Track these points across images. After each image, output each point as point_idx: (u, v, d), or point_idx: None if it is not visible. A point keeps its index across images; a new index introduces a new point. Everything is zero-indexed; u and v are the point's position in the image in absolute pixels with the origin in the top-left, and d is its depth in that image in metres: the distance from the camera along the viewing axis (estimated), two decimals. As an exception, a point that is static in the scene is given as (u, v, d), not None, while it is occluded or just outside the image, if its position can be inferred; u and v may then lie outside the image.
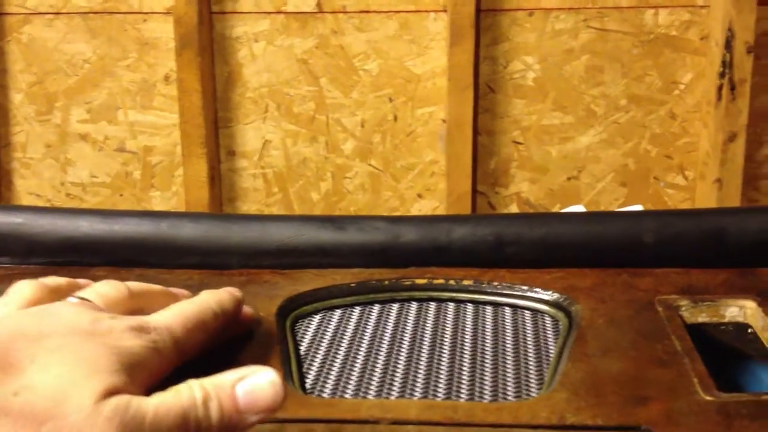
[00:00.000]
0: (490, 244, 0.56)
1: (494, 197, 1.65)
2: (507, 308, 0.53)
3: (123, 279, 0.47)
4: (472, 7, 1.49)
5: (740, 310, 0.50)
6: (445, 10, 1.55)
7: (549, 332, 0.50)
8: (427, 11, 1.57)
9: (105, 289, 0.43)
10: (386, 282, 0.55)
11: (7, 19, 1.60)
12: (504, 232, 0.56)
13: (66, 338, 0.37)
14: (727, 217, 0.54)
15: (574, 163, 1.63)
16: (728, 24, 1.46)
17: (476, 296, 0.54)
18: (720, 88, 1.49)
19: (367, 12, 1.57)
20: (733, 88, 1.48)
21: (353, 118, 1.63)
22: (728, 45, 1.47)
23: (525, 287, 0.54)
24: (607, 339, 0.47)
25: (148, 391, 0.37)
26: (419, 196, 1.66)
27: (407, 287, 0.55)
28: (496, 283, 0.54)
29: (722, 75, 1.49)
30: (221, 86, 1.60)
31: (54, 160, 1.65)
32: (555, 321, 0.51)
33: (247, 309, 0.48)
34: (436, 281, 0.55)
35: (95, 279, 0.45)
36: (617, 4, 1.54)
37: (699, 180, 1.60)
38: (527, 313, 0.52)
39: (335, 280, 0.56)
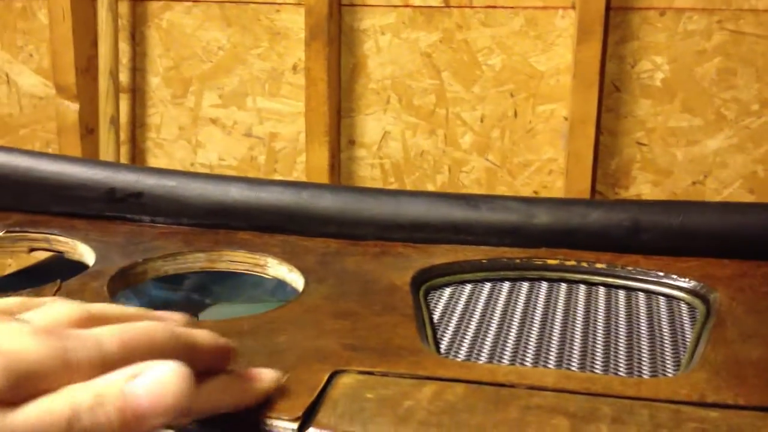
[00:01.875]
0: (625, 230, 0.56)
1: (613, 198, 1.62)
2: (641, 293, 0.53)
3: (266, 243, 0.49)
4: (602, 4, 1.47)
5: None
6: (573, 7, 1.53)
7: (685, 318, 0.49)
8: (555, 8, 1.55)
9: (55, 309, 0.38)
10: (517, 260, 0.56)
11: (149, 5, 1.69)
12: (640, 218, 0.56)
13: None
14: None
15: (701, 168, 1.58)
16: None
17: (609, 279, 0.54)
18: None
19: (494, 7, 1.58)
20: None
21: (473, 112, 1.63)
22: None
23: (660, 273, 0.53)
24: (747, 326, 0.46)
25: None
26: (535, 192, 1.65)
27: (538, 267, 0.56)
28: (630, 268, 0.54)
29: None
30: (346, 77, 1.64)
31: (186, 141, 1.74)
32: (692, 308, 0.51)
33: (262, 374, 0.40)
34: (567, 262, 0.56)
35: (240, 242, 0.47)
36: (753, 7, 1.48)
37: (835, 191, 1.52)
38: (662, 299, 0.52)
39: (466, 256, 0.57)
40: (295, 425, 0.39)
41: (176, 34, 1.69)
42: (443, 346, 0.47)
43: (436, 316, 0.51)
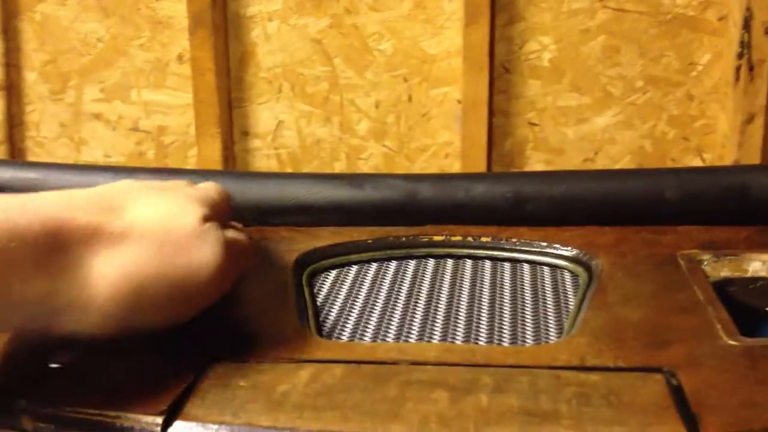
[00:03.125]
0: (509, 202, 0.56)
1: (508, 179, 1.64)
2: (526, 264, 0.52)
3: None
4: (488, -15, 1.48)
5: (763, 264, 0.49)
6: (460, -10, 1.54)
7: (568, 285, 0.49)
8: (442, -10, 1.55)
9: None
10: (403, 239, 0.55)
11: (21, -3, 1.60)
12: (523, 190, 0.56)
13: (160, 191, 0.46)
14: (749, 174, 0.53)
15: (591, 145, 1.62)
16: (746, 4, 1.44)
17: (494, 252, 0.53)
18: (738, 68, 1.48)
19: (382, -9, 1.56)
20: (751, 68, 1.47)
21: (367, 98, 1.62)
22: (746, 25, 1.46)
23: (544, 243, 0.53)
24: (627, 290, 0.46)
25: None
26: (433, 177, 1.65)
27: (424, 244, 0.55)
28: (514, 240, 0.53)
29: (740, 56, 1.47)
30: (235, 66, 1.59)
31: (68, 139, 1.65)
32: (575, 275, 0.50)
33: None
34: (453, 238, 0.55)
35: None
36: (635, -16, 1.52)
37: (717, 162, 1.58)
38: (546, 269, 0.52)
39: (352, 237, 0.55)
40: (159, 419, 0.36)
41: (52, 27, 1.60)
42: (326, 328, 0.45)
43: (320, 299, 0.49)
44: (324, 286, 0.51)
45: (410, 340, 0.44)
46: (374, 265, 0.54)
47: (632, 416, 0.34)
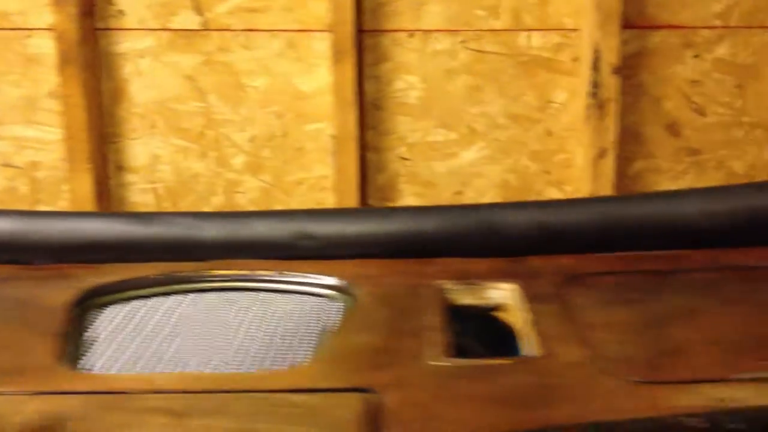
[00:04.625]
0: (289, 239, 0.60)
1: (382, 212, 1.69)
2: (295, 294, 0.56)
3: None
4: (352, 27, 1.54)
5: (501, 292, 0.55)
6: (330, 30, 1.59)
7: (328, 314, 0.53)
8: (311, 31, 1.61)
9: None
10: (185, 274, 0.58)
11: None
12: (304, 227, 0.60)
13: None
14: (498, 212, 0.59)
15: (460, 179, 1.69)
16: (595, 46, 1.55)
17: (270, 285, 0.57)
18: (589, 107, 1.58)
19: (253, 30, 1.61)
20: (600, 106, 1.57)
21: (242, 133, 1.65)
22: (595, 66, 1.56)
23: (314, 275, 0.57)
24: (370, 317, 0.51)
25: None
26: (309, 210, 1.69)
27: (205, 278, 0.58)
28: (289, 273, 0.58)
29: (591, 94, 1.57)
30: (107, 102, 1.61)
31: (-65, 175, 1.63)
32: (334, 304, 0.55)
33: None
34: (234, 272, 0.59)
35: None
36: (492, 27, 1.61)
37: (576, 194, 1.67)
38: (311, 298, 0.56)
39: (138, 273, 0.58)
40: None
41: None
42: (88, 361, 0.48)
43: (93, 333, 0.52)
44: (102, 320, 0.54)
45: (165, 370, 0.47)
46: (154, 300, 0.57)
47: (326, 429, 0.38)
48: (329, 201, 1.68)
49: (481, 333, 0.53)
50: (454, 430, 0.37)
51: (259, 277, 0.58)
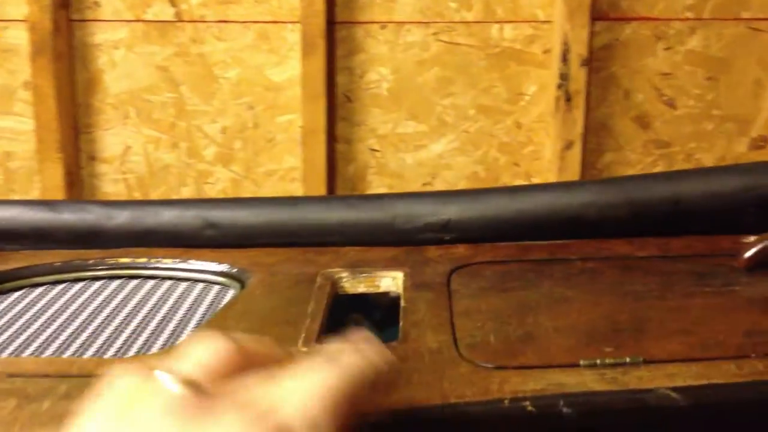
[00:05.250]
0: (195, 228, 0.61)
1: (354, 203, 1.70)
2: (194, 282, 0.58)
3: None
4: (322, 18, 1.55)
5: (392, 280, 0.56)
6: (300, 22, 1.60)
7: (210, 302, 0.54)
8: (283, 22, 1.62)
9: (207, 355, 0.34)
10: (90, 261, 0.60)
11: None
12: (209, 216, 0.61)
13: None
14: (399, 203, 0.60)
15: (429, 170, 1.70)
16: (564, 38, 1.55)
17: (168, 272, 0.59)
18: (557, 99, 1.58)
19: (226, 22, 1.62)
20: (569, 99, 1.57)
21: (214, 124, 1.66)
22: (564, 58, 1.56)
23: (211, 263, 0.58)
24: (253, 306, 0.52)
25: None
26: (281, 201, 1.70)
27: (110, 266, 0.59)
28: (193, 261, 0.59)
29: (560, 86, 1.57)
30: (81, 92, 1.62)
31: None
32: (224, 292, 0.56)
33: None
34: (138, 260, 0.60)
35: None
36: (464, 19, 1.62)
37: (547, 186, 1.68)
38: (201, 286, 0.57)
39: (44, 260, 0.59)
40: None
41: None
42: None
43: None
44: (1, 307, 0.55)
45: (44, 354, 0.48)
46: (58, 287, 0.58)
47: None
48: (299, 192, 1.69)
49: (377, 321, 0.54)
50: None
51: (158, 266, 0.59)
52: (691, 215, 0.56)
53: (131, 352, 0.48)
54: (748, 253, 0.49)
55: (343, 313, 0.54)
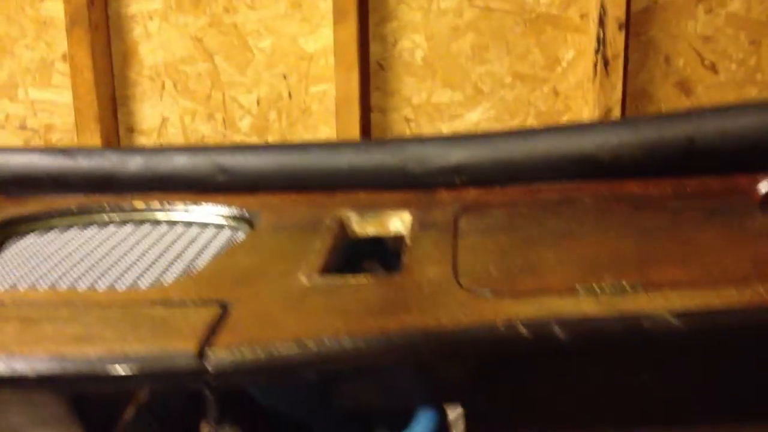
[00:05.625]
0: (207, 172, 0.61)
1: (388, 173, 1.70)
2: (205, 225, 0.58)
3: None
4: (355, -15, 1.54)
5: (401, 221, 0.55)
6: (334, -10, 1.59)
7: (220, 243, 0.55)
8: (316, -10, 1.61)
9: None
10: (106, 205, 0.60)
11: None
12: (220, 161, 0.61)
13: None
14: (410, 147, 0.59)
15: (464, 139, 1.68)
16: (601, 1, 1.51)
17: (180, 216, 0.59)
18: (595, 64, 1.54)
19: (259, -9, 1.62)
20: (606, 64, 1.53)
21: (249, 95, 1.67)
22: (601, 21, 1.52)
23: (223, 207, 0.59)
24: (260, 244, 0.52)
25: None
26: (316, 171, 1.70)
27: (124, 210, 0.60)
28: (205, 204, 0.59)
29: (597, 51, 1.54)
30: (118, 64, 1.64)
31: (-44, 136, 1.69)
32: (235, 234, 0.56)
33: None
34: (151, 204, 0.60)
35: None
36: (498, -17, 1.59)
37: (584, 155, 1.64)
38: (213, 228, 0.57)
39: (60, 205, 0.60)
40: None
41: (-61, 27, 1.65)
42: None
43: (10, 257, 0.54)
44: (19, 246, 0.56)
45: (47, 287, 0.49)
46: (72, 230, 0.59)
47: (165, 335, 0.39)
48: (335, 162, 1.69)
49: (384, 260, 0.53)
50: (285, 334, 0.38)
51: (171, 210, 0.59)
52: (707, 154, 0.54)
53: (143, 286, 0.49)
54: (764, 188, 0.47)
55: (358, 258, 0.54)
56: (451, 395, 0.32)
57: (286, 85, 1.67)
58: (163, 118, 1.68)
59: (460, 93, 1.65)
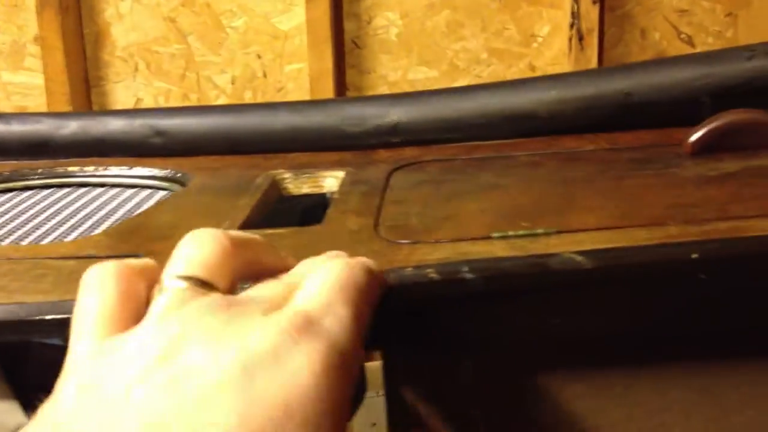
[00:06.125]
0: (143, 135, 0.60)
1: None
2: (140, 189, 0.57)
3: None
4: (325, -38, 1.53)
5: (336, 180, 0.54)
6: (305, -33, 1.58)
7: (153, 202, 0.54)
8: (288, -32, 1.60)
9: (201, 251, 0.31)
10: (39, 170, 0.59)
11: None
12: (155, 124, 0.60)
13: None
14: (346, 106, 0.58)
15: (441, 117, 1.67)
16: (575, -26, 1.50)
17: (112, 179, 0.58)
18: (570, 39, 1.53)
19: (231, -31, 1.60)
20: (581, 38, 1.52)
21: (223, 75, 1.66)
22: (576, -5, 1.51)
23: (156, 169, 0.57)
24: (185, 202, 0.51)
25: None
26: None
27: (58, 174, 0.59)
28: (139, 168, 0.58)
29: (572, 26, 1.53)
30: (90, 46, 1.63)
31: (-72, 120, 1.68)
32: (168, 194, 0.55)
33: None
34: (86, 168, 0.59)
35: None
36: (472, -41, 1.57)
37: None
38: (147, 191, 0.56)
39: (-5, 169, 0.59)
40: None
41: None
42: None
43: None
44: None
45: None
46: (5, 195, 0.58)
47: (68, 287, 0.38)
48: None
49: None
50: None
51: (106, 173, 0.58)
52: (645, 108, 0.53)
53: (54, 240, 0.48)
54: (694, 137, 0.46)
55: (293, 216, 0.53)
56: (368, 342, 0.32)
57: (261, 64, 1.65)
58: (137, 99, 1.67)
59: (436, 70, 1.64)
